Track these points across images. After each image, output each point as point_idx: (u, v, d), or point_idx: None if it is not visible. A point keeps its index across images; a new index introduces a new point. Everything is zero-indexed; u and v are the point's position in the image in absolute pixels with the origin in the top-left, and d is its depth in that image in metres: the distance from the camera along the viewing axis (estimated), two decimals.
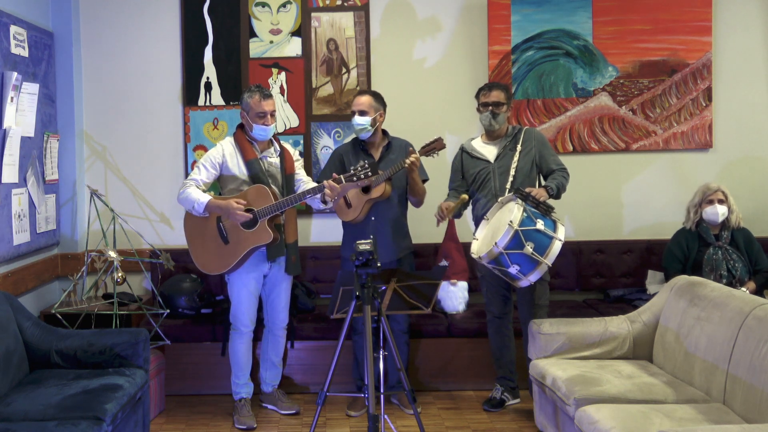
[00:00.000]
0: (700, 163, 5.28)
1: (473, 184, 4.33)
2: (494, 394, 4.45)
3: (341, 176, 4.00)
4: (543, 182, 4.27)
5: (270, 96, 4.20)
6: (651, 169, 5.31)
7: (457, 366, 4.78)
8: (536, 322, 3.98)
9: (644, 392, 3.37)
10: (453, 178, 4.45)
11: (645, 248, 5.19)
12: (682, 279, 3.91)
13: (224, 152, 4.22)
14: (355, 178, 3.96)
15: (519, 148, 4.25)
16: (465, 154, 4.39)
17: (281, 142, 4.39)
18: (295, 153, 4.40)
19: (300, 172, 4.36)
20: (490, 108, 4.24)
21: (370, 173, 3.93)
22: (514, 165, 4.21)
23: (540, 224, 3.84)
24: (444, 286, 4.84)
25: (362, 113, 4.29)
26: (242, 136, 4.23)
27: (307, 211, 5.19)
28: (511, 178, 4.20)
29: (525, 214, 3.82)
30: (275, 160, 4.27)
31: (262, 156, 4.23)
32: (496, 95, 4.25)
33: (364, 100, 4.31)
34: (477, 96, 4.34)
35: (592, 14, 5.19)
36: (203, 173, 4.19)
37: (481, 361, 4.73)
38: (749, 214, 4.77)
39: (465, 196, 4.20)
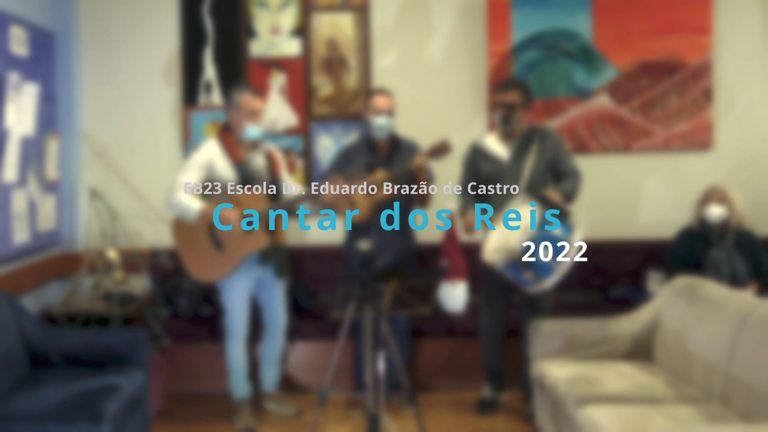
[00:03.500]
0: (699, 164, 5.28)
1: (486, 185, 4.24)
2: (484, 394, 4.42)
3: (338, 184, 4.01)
4: (555, 185, 4.17)
5: (259, 94, 4.16)
6: (651, 169, 5.31)
7: (458, 366, 4.78)
8: (536, 322, 3.97)
9: (644, 392, 3.37)
10: (465, 177, 4.34)
11: (645, 248, 5.19)
12: (682, 279, 3.91)
13: (210, 154, 4.11)
14: (351, 175, 3.98)
15: (534, 148, 4.15)
16: (477, 153, 4.30)
17: (267, 144, 4.34)
18: (280, 155, 4.36)
19: (285, 175, 4.31)
20: (503, 110, 4.14)
21: (366, 169, 3.96)
22: (528, 166, 4.12)
23: (557, 229, 3.71)
24: (444, 286, 4.84)
25: (390, 113, 4.29)
26: (228, 136, 4.14)
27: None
28: (525, 179, 4.10)
29: (541, 219, 3.69)
30: (262, 161, 4.22)
31: (249, 157, 4.17)
32: (512, 97, 4.12)
33: (391, 101, 4.31)
34: (495, 92, 4.23)
35: (592, 14, 5.19)
36: (191, 176, 4.07)
37: (481, 361, 4.72)
38: (749, 214, 4.77)
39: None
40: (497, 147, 4.25)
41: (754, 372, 3.05)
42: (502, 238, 3.88)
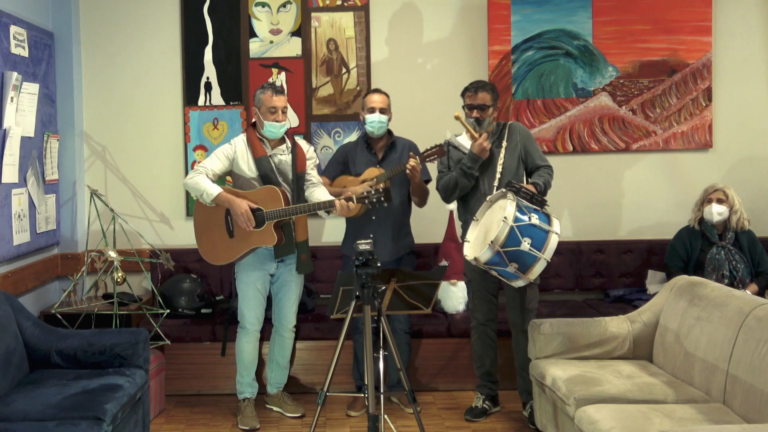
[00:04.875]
0: (699, 163, 5.28)
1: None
2: (476, 403, 4.37)
3: (353, 196, 4.00)
4: (528, 178, 4.18)
5: (282, 92, 4.22)
6: (651, 169, 5.31)
7: (457, 366, 4.78)
8: (536, 322, 3.96)
9: (644, 392, 3.37)
10: (441, 170, 4.32)
11: (645, 248, 5.19)
12: (682, 279, 3.91)
13: (236, 148, 4.23)
14: (366, 201, 3.98)
15: (504, 144, 4.15)
16: (452, 148, 4.29)
17: (296, 139, 4.38)
18: (309, 150, 4.37)
19: (311, 172, 4.32)
20: (475, 111, 4.13)
21: (383, 198, 3.95)
22: (500, 162, 4.13)
23: (535, 218, 3.71)
24: (444, 286, 4.84)
25: (383, 111, 4.31)
26: (253, 133, 4.24)
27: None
28: (498, 175, 4.11)
29: (518, 210, 3.70)
30: (286, 157, 4.26)
31: (272, 153, 4.23)
32: (482, 98, 4.13)
33: (384, 99, 4.34)
34: (462, 95, 4.24)
35: (592, 14, 5.19)
36: (215, 163, 4.19)
37: (473, 365, 4.71)
38: (748, 214, 4.78)
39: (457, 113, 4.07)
40: (470, 145, 4.21)
41: (754, 372, 3.05)
42: (483, 233, 3.89)
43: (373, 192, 3.95)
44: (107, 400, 3.31)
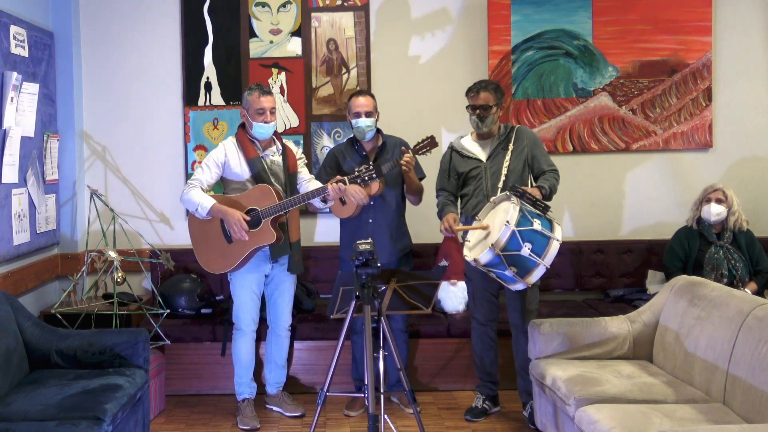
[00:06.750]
0: (700, 163, 5.28)
1: (464, 185, 4.25)
2: (476, 403, 4.37)
3: (345, 178, 4.00)
4: (534, 183, 4.19)
5: (269, 93, 4.21)
6: (651, 169, 5.31)
7: (457, 366, 4.78)
8: (536, 322, 3.96)
9: (644, 392, 3.37)
10: (441, 177, 4.35)
11: (645, 248, 5.19)
12: (682, 279, 3.91)
13: (226, 152, 4.22)
14: (359, 180, 3.98)
15: (511, 147, 4.15)
16: (455, 153, 4.29)
17: (284, 140, 4.39)
18: (298, 151, 4.40)
19: (303, 171, 4.36)
20: (477, 111, 4.14)
21: (374, 175, 3.95)
22: (506, 164, 4.12)
23: (537, 224, 3.70)
24: (444, 286, 4.84)
25: (369, 114, 4.28)
26: (243, 135, 4.24)
27: (307, 211, 5.18)
28: (503, 178, 4.10)
29: (521, 214, 3.69)
30: (278, 158, 4.27)
31: (264, 154, 4.23)
32: (484, 98, 4.13)
33: (369, 102, 4.30)
34: (466, 95, 4.24)
35: (592, 14, 5.19)
36: (206, 174, 4.19)
37: (473, 366, 4.71)
38: (748, 214, 4.78)
39: (486, 225, 3.92)
40: (474, 147, 4.25)
41: (754, 372, 3.05)
42: (482, 237, 3.88)
43: (363, 170, 3.96)
44: (107, 400, 3.31)
